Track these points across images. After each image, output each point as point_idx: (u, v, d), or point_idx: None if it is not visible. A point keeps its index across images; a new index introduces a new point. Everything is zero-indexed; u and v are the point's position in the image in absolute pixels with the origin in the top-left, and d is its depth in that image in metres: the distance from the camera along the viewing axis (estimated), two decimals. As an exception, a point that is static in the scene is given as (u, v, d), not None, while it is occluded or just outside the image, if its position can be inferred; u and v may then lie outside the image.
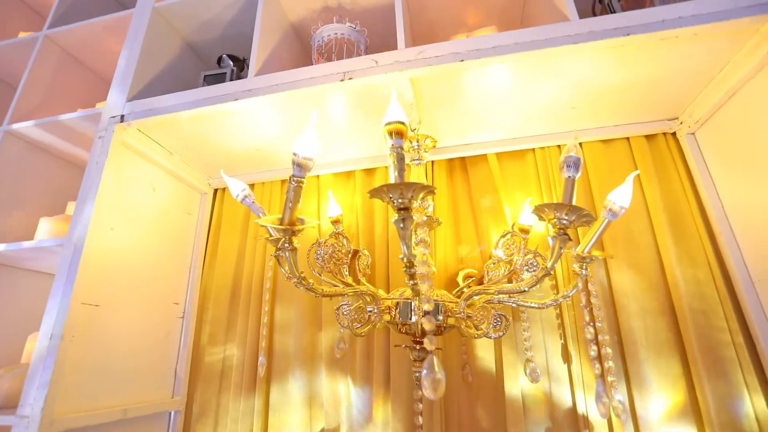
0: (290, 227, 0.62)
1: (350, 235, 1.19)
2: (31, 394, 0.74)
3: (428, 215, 0.90)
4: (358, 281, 0.92)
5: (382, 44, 1.19)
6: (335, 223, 1.04)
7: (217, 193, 1.37)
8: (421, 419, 0.77)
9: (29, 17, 1.54)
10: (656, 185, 1.02)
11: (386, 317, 0.82)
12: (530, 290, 0.68)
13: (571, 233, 0.81)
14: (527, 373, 0.94)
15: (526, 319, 0.97)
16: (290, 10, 1.15)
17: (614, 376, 0.69)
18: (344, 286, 0.79)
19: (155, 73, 1.11)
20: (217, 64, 1.19)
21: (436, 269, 1.06)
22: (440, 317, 0.79)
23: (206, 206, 1.31)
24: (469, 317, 0.75)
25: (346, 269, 0.85)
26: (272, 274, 0.85)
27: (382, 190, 0.53)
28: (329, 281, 0.86)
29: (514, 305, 0.78)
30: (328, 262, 0.79)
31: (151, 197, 1.09)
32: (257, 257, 1.21)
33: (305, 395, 1.06)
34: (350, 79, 0.85)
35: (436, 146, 1.11)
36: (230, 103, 0.90)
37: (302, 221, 0.66)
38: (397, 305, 0.81)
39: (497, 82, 0.89)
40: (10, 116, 1.13)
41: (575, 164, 0.67)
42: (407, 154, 1.03)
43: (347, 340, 1.07)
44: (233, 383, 1.09)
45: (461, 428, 0.96)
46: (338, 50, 1.02)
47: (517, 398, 0.94)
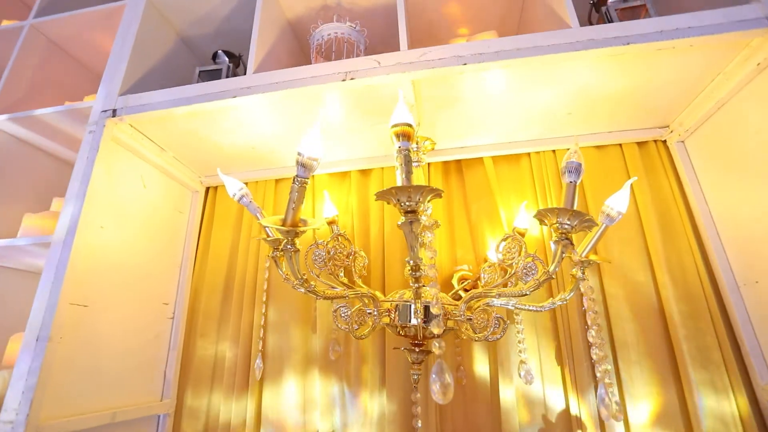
0: (293, 228, 0.62)
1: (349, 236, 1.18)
2: (15, 398, 0.71)
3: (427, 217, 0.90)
4: (353, 283, 0.91)
5: (380, 45, 1.18)
6: (331, 223, 1.03)
7: (209, 191, 1.34)
8: (419, 422, 0.76)
9: (14, 5, 1.48)
10: (647, 191, 1.04)
11: (385, 320, 0.82)
12: (531, 293, 0.69)
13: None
14: (521, 375, 0.95)
15: (520, 321, 0.98)
16: (288, 7, 1.13)
17: (610, 378, 0.70)
18: (345, 288, 0.79)
19: (148, 67, 1.08)
20: (212, 59, 1.17)
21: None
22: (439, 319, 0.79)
23: (198, 204, 1.28)
24: (469, 320, 0.75)
25: (343, 271, 0.84)
26: (269, 275, 0.84)
27: (390, 192, 0.53)
28: (327, 283, 0.86)
29: (512, 308, 0.79)
30: (328, 263, 0.78)
31: (141, 195, 1.06)
32: (250, 257, 1.19)
33: (299, 397, 1.05)
34: (352, 79, 0.84)
35: (434, 148, 1.11)
36: (228, 100, 0.89)
37: (305, 222, 0.65)
38: (396, 308, 0.80)
39: (496, 86, 0.90)
40: (-8, 108, 1.08)
41: (576, 170, 0.68)
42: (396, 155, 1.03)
43: (342, 342, 1.07)
44: (225, 385, 1.07)
45: (456, 430, 0.97)
46: (338, 50, 1.02)
47: (511, 400, 0.95)
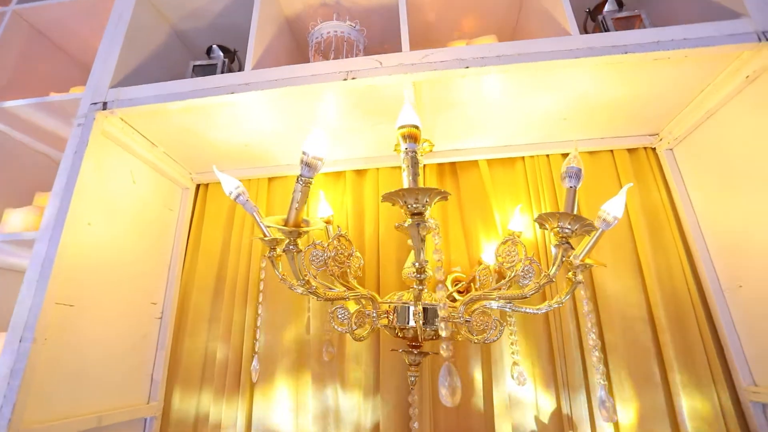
0: (296, 229, 0.61)
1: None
2: (-4, 402, 0.68)
3: (434, 220, 0.90)
4: (348, 284, 0.90)
5: (378, 45, 1.18)
6: (326, 223, 1.02)
7: (199, 188, 1.31)
8: (416, 423, 0.76)
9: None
10: (636, 197, 1.07)
11: (383, 321, 0.81)
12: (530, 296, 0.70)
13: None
14: (514, 376, 0.97)
15: (513, 323, 0.99)
16: (287, 4, 1.12)
17: (605, 380, 0.72)
18: (346, 289, 0.78)
19: (140, 60, 1.05)
20: (206, 54, 1.14)
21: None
22: (437, 322, 0.79)
23: (188, 202, 1.25)
24: (467, 322, 0.76)
25: (346, 271, 0.83)
26: (265, 275, 0.82)
27: (398, 194, 0.53)
28: (324, 283, 0.85)
29: (509, 310, 0.80)
30: (329, 264, 0.78)
31: (130, 191, 1.02)
32: (242, 256, 1.17)
33: (291, 399, 1.03)
34: (353, 78, 0.83)
35: (431, 150, 1.12)
36: (225, 96, 0.87)
37: (307, 223, 0.64)
38: (395, 309, 0.80)
39: (495, 90, 0.91)
40: (-30, 96, 1.03)
41: (576, 175, 0.69)
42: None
43: (336, 343, 1.06)
44: (215, 387, 1.05)
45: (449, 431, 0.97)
46: (337, 48, 1.01)
47: (504, 401, 0.96)
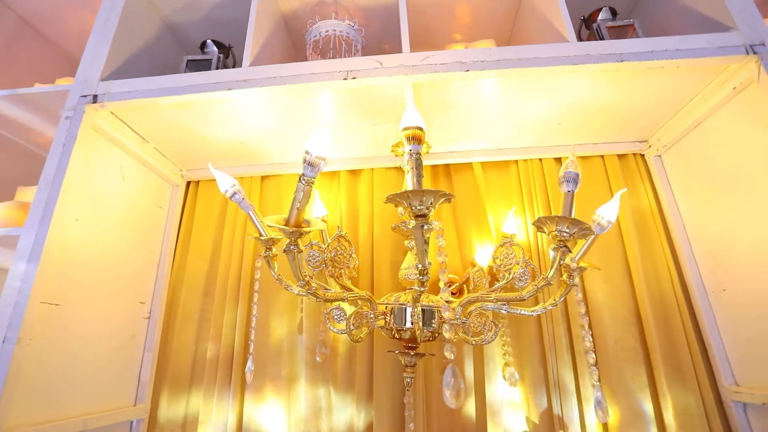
0: (298, 229, 0.60)
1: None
2: (-23, 405, 0.65)
3: (438, 222, 0.91)
4: (344, 284, 0.90)
5: (376, 45, 1.18)
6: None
7: (189, 185, 1.28)
8: (412, 424, 0.76)
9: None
10: (626, 202, 1.09)
11: (380, 322, 0.81)
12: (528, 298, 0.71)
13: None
14: (506, 377, 0.98)
15: (505, 325, 1.01)
16: (284, 0, 1.11)
17: (598, 381, 0.73)
18: (344, 290, 0.77)
19: (131, 52, 1.02)
20: (199, 49, 1.12)
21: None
22: (434, 323, 0.79)
23: (178, 199, 1.22)
24: (463, 323, 0.76)
25: (342, 272, 0.83)
26: (261, 275, 0.81)
27: (404, 195, 0.53)
28: (320, 284, 0.84)
29: (504, 312, 0.81)
30: (329, 265, 0.77)
31: (119, 187, 0.99)
32: (234, 256, 1.15)
33: (283, 401, 1.02)
34: (354, 78, 0.83)
35: (428, 152, 1.12)
36: (222, 92, 0.85)
37: (308, 223, 0.63)
38: (392, 311, 0.80)
39: (492, 93, 0.92)
40: (-51, 85, 0.98)
41: (574, 180, 0.71)
42: (401, 158, 1.03)
43: (328, 344, 1.05)
44: (204, 389, 1.03)
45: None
46: (336, 47, 1.00)
47: (495, 401, 0.97)
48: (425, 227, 0.53)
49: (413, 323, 0.76)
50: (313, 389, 1.02)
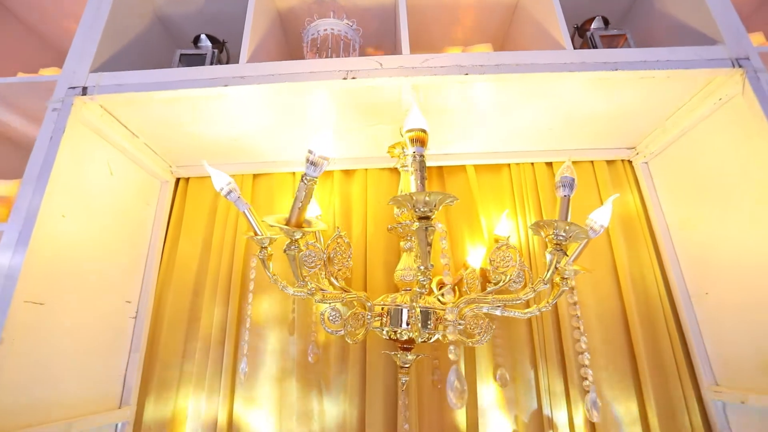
0: (299, 229, 0.59)
1: (326, 236, 1.16)
2: (-45, 409, 0.62)
3: (442, 225, 0.91)
4: (340, 285, 0.90)
5: (374, 45, 1.18)
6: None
7: (179, 183, 1.25)
8: (407, 425, 0.77)
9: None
10: (614, 207, 1.12)
11: (376, 323, 0.81)
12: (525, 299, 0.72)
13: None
14: (497, 377, 0.99)
15: (496, 326, 1.02)
16: (281, -3, 1.10)
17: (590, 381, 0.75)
18: (342, 291, 0.77)
19: (122, 45, 0.99)
20: (192, 44, 1.09)
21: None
22: (430, 324, 0.80)
23: (166, 197, 1.19)
24: (459, 324, 0.77)
25: (324, 273, 0.82)
26: (255, 275, 0.80)
27: (408, 197, 0.53)
28: (317, 285, 0.83)
29: (499, 313, 0.82)
30: (327, 265, 0.76)
31: (107, 182, 0.96)
32: (224, 255, 1.13)
33: (274, 402, 1.01)
34: (353, 78, 0.83)
35: (423, 154, 1.13)
36: (218, 88, 0.84)
37: (309, 223, 0.63)
38: (388, 312, 0.80)
39: (488, 97, 0.92)
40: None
41: (570, 184, 0.72)
42: (398, 159, 1.03)
43: (320, 344, 1.05)
44: (193, 390, 1.00)
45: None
46: (333, 47, 1.00)
47: (486, 402, 0.98)
48: (428, 229, 0.53)
49: (411, 324, 0.76)
50: (305, 389, 1.01)
